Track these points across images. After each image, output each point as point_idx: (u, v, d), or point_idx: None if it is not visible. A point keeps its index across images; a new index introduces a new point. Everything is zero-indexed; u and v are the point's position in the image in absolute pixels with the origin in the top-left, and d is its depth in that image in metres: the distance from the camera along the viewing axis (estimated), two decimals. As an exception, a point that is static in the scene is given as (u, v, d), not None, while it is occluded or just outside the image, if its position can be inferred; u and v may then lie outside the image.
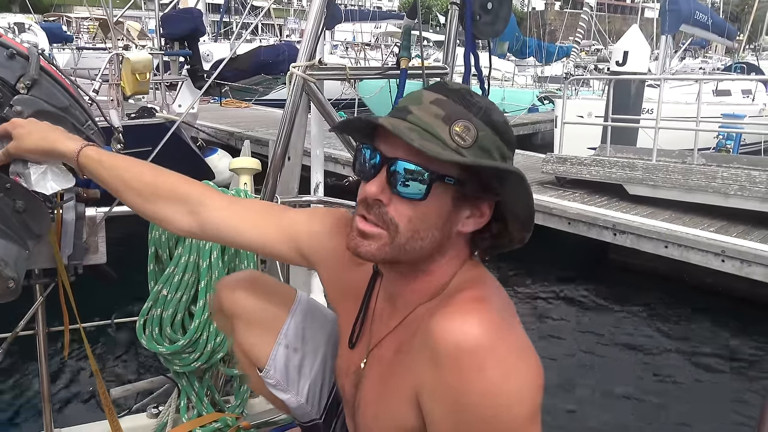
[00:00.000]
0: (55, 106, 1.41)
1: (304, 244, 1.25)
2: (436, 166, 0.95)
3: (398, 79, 2.21)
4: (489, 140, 0.97)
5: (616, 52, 8.63)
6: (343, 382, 1.23)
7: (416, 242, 0.99)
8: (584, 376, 4.66)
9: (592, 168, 7.09)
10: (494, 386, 0.87)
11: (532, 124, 14.12)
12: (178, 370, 1.91)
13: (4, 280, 1.25)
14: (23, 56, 1.39)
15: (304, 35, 2.07)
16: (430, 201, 0.97)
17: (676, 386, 4.58)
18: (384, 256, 1.01)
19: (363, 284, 1.19)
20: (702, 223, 6.10)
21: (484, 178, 0.97)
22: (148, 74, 5.79)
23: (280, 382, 1.32)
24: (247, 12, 16.72)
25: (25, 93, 1.35)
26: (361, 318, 1.18)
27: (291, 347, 1.32)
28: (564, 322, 5.63)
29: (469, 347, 0.88)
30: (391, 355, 1.08)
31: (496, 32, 2.37)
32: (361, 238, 1.01)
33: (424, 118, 0.97)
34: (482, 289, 1.01)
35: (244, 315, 1.32)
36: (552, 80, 19.23)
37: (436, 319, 0.93)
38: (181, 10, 7.88)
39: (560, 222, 6.52)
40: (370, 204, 0.99)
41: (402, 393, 1.00)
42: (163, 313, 1.86)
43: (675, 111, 9.03)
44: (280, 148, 2.03)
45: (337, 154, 8.31)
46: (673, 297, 5.94)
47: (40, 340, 1.84)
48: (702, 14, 12.66)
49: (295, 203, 2.24)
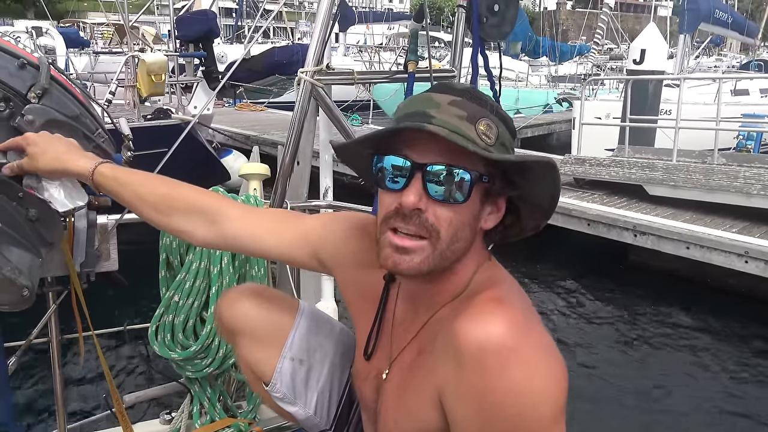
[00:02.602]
0: (66, 114, 1.42)
1: (320, 249, 1.25)
2: (471, 166, 0.96)
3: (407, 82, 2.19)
4: (505, 136, 1.00)
5: (633, 51, 8.53)
6: (362, 387, 1.22)
7: (455, 245, 0.99)
8: (606, 380, 4.57)
9: (612, 169, 6.99)
10: (518, 385, 0.87)
11: (548, 125, 13.97)
12: (191, 375, 1.91)
13: (19, 288, 1.25)
14: (34, 66, 1.40)
15: (312, 40, 2.07)
16: (469, 202, 0.97)
17: (698, 390, 4.49)
18: (429, 267, 0.98)
19: (380, 287, 1.18)
20: (724, 223, 5.98)
21: (508, 173, 0.99)
22: (163, 76, 5.79)
23: (287, 395, 1.32)
24: (260, 15, 16.84)
25: (36, 102, 1.36)
26: (377, 328, 1.17)
27: (296, 359, 1.32)
28: (584, 325, 5.54)
29: (493, 347, 0.88)
30: (412, 358, 1.08)
31: (503, 34, 2.38)
32: (400, 254, 0.98)
33: (450, 120, 0.95)
34: (503, 288, 1.01)
35: (246, 330, 1.32)
36: (567, 79, 19.08)
37: (458, 320, 0.93)
38: (194, 12, 7.89)
39: (579, 223, 6.43)
40: (408, 215, 0.97)
41: (424, 394, 1.00)
42: (174, 319, 1.87)
43: (692, 111, 8.90)
44: (289, 153, 2.03)
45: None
46: (696, 299, 5.82)
47: (53, 348, 1.85)
48: (722, 12, 12.50)
49: (305, 208, 2.24)
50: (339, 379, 1.36)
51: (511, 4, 2.34)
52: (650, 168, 6.70)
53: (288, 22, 24.39)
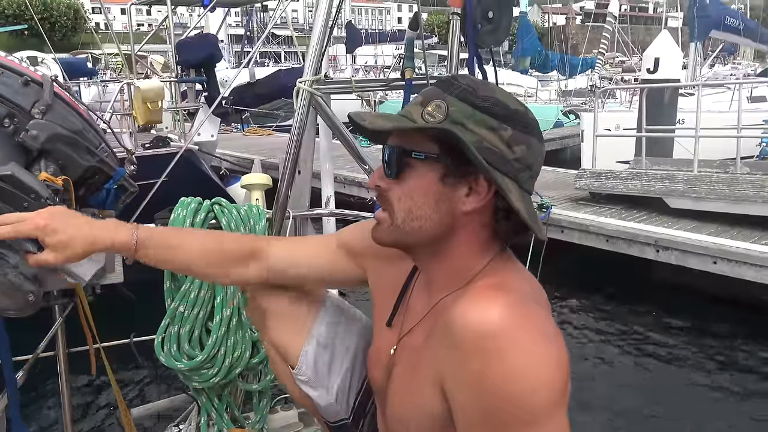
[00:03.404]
0: (70, 129, 1.46)
1: (354, 250, 1.31)
2: (408, 143, 1.02)
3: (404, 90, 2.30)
4: (463, 114, 0.98)
5: (646, 60, 8.30)
6: (373, 373, 1.25)
7: (413, 222, 1.03)
8: (632, 402, 4.32)
9: (629, 182, 6.73)
10: (516, 370, 0.86)
11: (560, 140, 13.74)
12: (197, 386, 1.93)
13: (24, 293, 1.28)
14: (37, 83, 1.45)
15: (309, 50, 2.10)
16: (410, 178, 1.02)
17: (733, 415, 4.19)
18: (390, 238, 1.08)
19: (404, 278, 1.22)
20: (752, 235, 5.70)
21: (459, 150, 0.97)
22: (159, 102, 5.64)
23: (311, 379, 1.34)
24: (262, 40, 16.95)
25: (40, 118, 1.41)
26: (399, 302, 1.20)
27: (322, 344, 1.35)
28: (608, 346, 5.27)
29: (489, 331, 0.88)
30: (420, 343, 1.09)
31: (497, 41, 2.44)
32: (377, 224, 1.10)
33: (408, 107, 1.05)
34: (505, 276, 1.02)
35: (277, 309, 1.36)
36: (576, 94, 18.91)
37: (456, 306, 0.95)
38: (195, 37, 7.75)
39: (598, 240, 6.18)
40: (377, 192, 1.08)
41: (428, 380, 1.01)
42: (180, 329, 1.89)
43: (709, 120, 8.61)
44: (290, 162, 2.10)
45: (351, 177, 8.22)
46: (727, 316, 5.53)
47: (60, 361, 1.90)
48: (732, 19, 12.32)
49: (307, 217, 2.29)
50: (360, 370, 1.38)
51: (506, 11, 2.38)
52: (670, 180, 6.44)
53: (298, 46, 24.65)
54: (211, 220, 1.91)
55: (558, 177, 8.78)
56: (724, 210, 6.12)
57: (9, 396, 1.74)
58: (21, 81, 1.42)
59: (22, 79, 1.43)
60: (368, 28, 28.39)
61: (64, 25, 52.40)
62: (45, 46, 10.55)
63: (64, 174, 1.46)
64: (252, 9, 21.27)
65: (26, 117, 1.40)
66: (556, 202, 7.00)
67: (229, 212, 1.92)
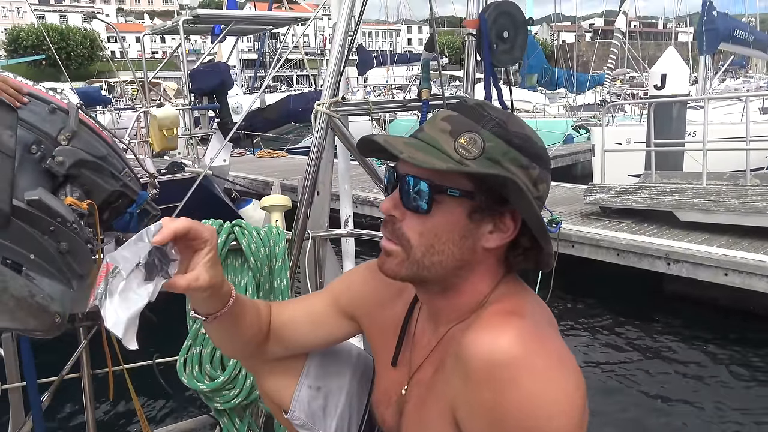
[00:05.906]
0: (94, 155, 1.51)
1: (344, 300, 1.28)
2: (441, 179, 0.95)
3: (420, 111, 2.34)
4: (499, 150, 0.95)
5: (653, 76, 8.33)
6: (383, 414, 1.22)
7: (433, 257, 0.99)
8: (645, 415, 4.30)
9: (639, 196, 6.75)
10: (531, 398, 0.83)
11: (571, 155, 13.79)
12: (219, 407, 1.94)
13: (51, 315, 1.29)
14: (63, 111, 1.50)
15: (327, 74, 2.16)
16: (437, 214, 0.97)
17: (746, 427, 4.16)
18: (404, 272, 1.01)
19: (402, 316, 1.19)
20: (763, 247, 5.68)
21: (494, 189, 0.95)
22: (175, 130, 5.78)
23: (307, 423, 1.33)
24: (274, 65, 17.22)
25: (66, 144, 1.45)
26: (401, 339, 1.18)
27: (314, 387, 1.33)
28: (621, 360, 5.25)
29: (501, 359, 0.85)
30: (430, 377, 1.07)
31: (513, 60, 2.46)
32: (385, 256, 1.03)
33: (431, 133, 0.97)
34: (515, 302, 0.99)
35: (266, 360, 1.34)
36: (585, 108, 18.91)
37: (467, 335, 0.93)
38: (207, 65, 7.95)
39: (608, 254, 6.19)
40: (387, 221, 1.02)
41: (441, 411, 0.99)
42: (202, 350, 1.91)
43: (719, 132, 8.63)
44: (309, 183, 2.13)
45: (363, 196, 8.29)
46: (739, 329, 5.50)
47: (85, 383, 1.90)
48: (742, 31, 12.30)
49: (326, 237, 2.31)
50: (358, 406, 1.36)
51: (521, 30, 2.39)
52: (680, 193, 6.45)
53: (310, 70, 24.95)
54: (231, 242, 1.93)
55: (567, 192, 8.81)
56: (734, 222, 6.11)
57: (34, 419, 1.76)
58: (48, 109, 1.48)
59: (49, 107, 1.48)
60: (379, 50, 28.70)
61: (80, 54, 53.48)
62: (62, 75, 10.79)
63: (89, 198, 1.50)
64: (264, 35, 21.63)
65: (53, 143, 1.45)
66: (566, 217, 7.04)
67: (249, 233, 1.95)
